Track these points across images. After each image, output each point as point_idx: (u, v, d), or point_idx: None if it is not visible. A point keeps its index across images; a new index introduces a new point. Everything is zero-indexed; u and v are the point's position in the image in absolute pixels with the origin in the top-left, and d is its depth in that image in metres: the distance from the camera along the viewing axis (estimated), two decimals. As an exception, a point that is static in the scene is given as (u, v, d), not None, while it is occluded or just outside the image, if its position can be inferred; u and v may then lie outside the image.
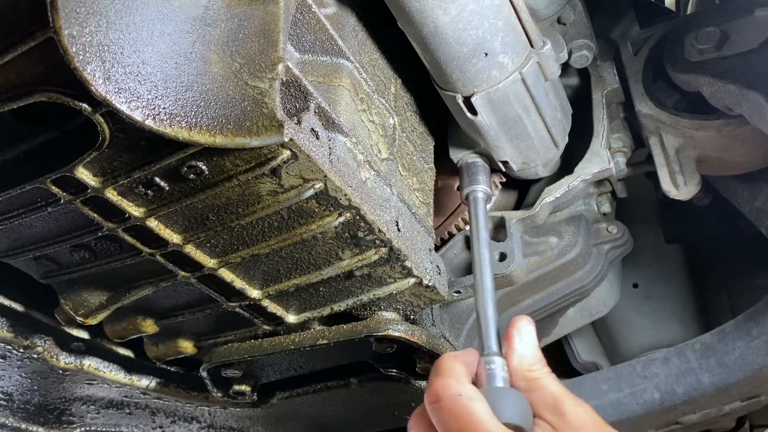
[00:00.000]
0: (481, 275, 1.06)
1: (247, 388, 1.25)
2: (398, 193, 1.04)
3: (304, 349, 1.10)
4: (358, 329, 1.08)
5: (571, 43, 1.31)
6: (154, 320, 1.16)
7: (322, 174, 0.82)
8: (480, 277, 1.05)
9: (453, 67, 1.04)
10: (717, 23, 1.20)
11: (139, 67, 0.68)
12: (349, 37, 1.03)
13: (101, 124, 0.72)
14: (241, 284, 1.02)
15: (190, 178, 0.81)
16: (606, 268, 1.45)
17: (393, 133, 1.10)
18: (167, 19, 0.72)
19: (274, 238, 0.93)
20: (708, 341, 1.38)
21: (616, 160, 1.36)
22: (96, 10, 0.64)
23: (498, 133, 1.15)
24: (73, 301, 1.11)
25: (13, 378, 1.26)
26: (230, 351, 1.17)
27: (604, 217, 1.46)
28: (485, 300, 1.01)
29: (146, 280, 1.05)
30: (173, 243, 0.92)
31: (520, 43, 1.06)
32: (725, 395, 1.36)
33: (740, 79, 1.11)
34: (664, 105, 1.32)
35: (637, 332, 1.88)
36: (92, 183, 0.81)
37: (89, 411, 1.37)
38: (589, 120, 1.37)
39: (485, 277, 1.06)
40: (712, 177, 1.42)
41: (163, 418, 1.45)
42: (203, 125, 0.72)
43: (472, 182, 1.21)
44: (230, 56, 0.76)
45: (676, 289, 1.90)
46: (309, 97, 0.85)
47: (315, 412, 1.42)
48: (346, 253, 0.97)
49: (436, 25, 0.97)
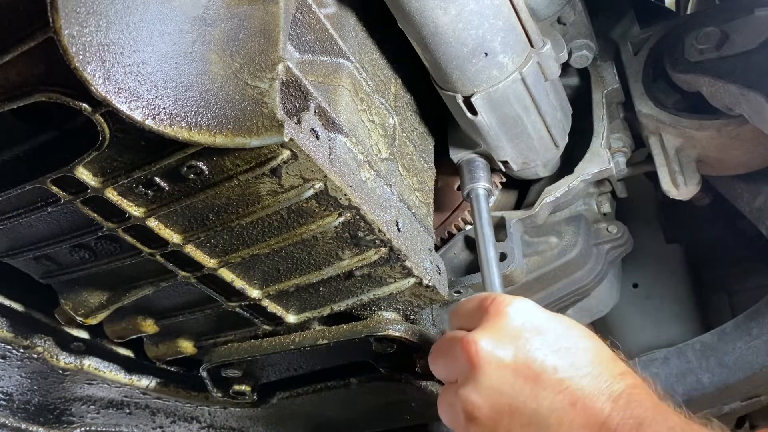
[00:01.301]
0: (489, 274, 1.06)
1: (247, 388, 1.24)
2: (398, 193, 1.04)
3: (304, 349, 1.10)
4: (358, 329, 1.08)
5: (571, 43, 1.31)
6: (154, 320, 1.16)
7: (322, 174, 0.82)
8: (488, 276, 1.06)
9: (453, 67, 1.04)
10: (717, 23, 1.20)
11: (139, 67, 0.68)
12: (349, 36, 1.03)
13: (101, 124, 0.72)
14: (241, 284, 1.02)
15: (190, 178, 0.81)
16: (606, 268, 1.44)
17: (393, 133, 1.10)
18: (167, 19, 0.72)
19: (274, 238, 0.93)
20: (708, 341, 1.38)
21: (616, 160, 1.36)
22: (96, 9, 0.64)
23: (498, 133, 1.15)
24: (73, 301, 1.11)
25: (13, 378, 1.26)
26: (230, 351, 1.17)
27: (604, 217, 1.46)
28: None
29: (146, 280, 1.05)
30: (173, 243, 0.92)
31: (520, 42, 1.06)
32: (725, 395, 1.36)
33: (740, 79, 1.11)
34: (664, 105, 1.32)
35: (637, 332, 1.88)
36: (92, 183, 0.81)
37: (89, 411, 1.37)
38: (589, 120, 1.37)
39: (493, 276, 1.06)
40: (712, 177, 1.42)
41: (163, 418, 1.45)
42: (203, 125, 0.72)
43: (473, 179, 1.21)
44: (230, 56, 0.76)
45: (676, 289, 1.90)
46: (309, 97, 0.85)
47: (315, 412, 1.42)
48: (346, 253, 0.97)
49: (436, 25, 0.97)
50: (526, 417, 0.78)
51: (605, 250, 1.44)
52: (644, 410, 0.73)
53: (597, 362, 0.79)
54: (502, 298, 0.87)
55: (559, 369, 0.79)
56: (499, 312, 0.85)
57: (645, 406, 0.74)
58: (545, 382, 0.78)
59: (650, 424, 0.71)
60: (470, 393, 0.82)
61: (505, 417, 0.79)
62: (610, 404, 0.74)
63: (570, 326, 0.85)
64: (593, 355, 0.81)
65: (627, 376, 0.78)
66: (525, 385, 0.79)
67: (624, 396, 0.75)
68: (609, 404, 0.75)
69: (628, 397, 0.75)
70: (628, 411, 0.73)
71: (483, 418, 0.81)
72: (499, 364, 0.81)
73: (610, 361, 0.81)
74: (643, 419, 0.72)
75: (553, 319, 0.86)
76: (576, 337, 0.83)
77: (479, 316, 0.87)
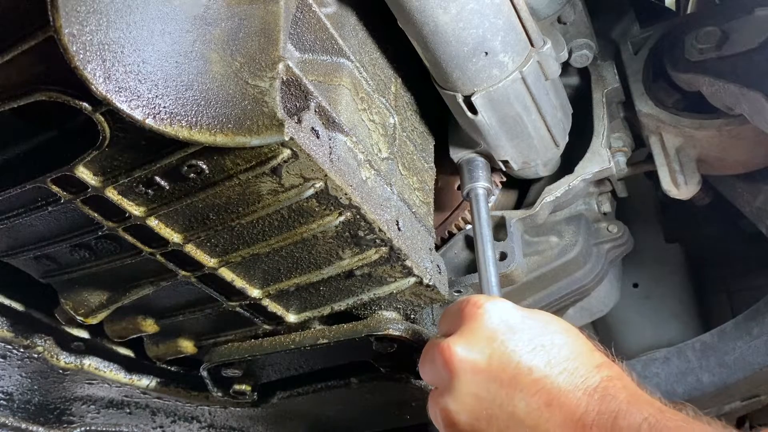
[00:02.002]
0: (487, 273, 1.06)
1: (247, 387, 1.24)
2: (398, 193, 1.04)
3: (305, 348, 1.10)
4: (358, 329, 1.08)
5: (572, 43, 1.31)
6: (155, 320, 1.16)
7: (322, 173, 0.82)
8: (485, 275, 1.06)
9: (453, 66, 1.04)
10: (717, 23, 1.20)
11: (139, 66, 0.68)
12: (349, 36, 1.03)
13: (101, 123, 0.72)
14: (242, 284, 1.02)
15: (190, 177, 0.81)
16: (606, 267, 1.44)
17: (393, 133, 1.10)
18: (168, 18, 0.72)
19: (275, 238, 0.93)
20: (708, 341, 1.38)
21: (617, 160, 1.36)
22: (96, 8, 0.64)
23: (498, 132, 1.15)
24: (73, 300, 1.11)
25: (14, 378, 1.26)
26: (230, 350, 1.17)
27: (605, 216, 1.46)
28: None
29: (146, 280, 1.05)
30: (173, 242, 0.92)
31: (521, 42, 1.06)
32: (725, 395, 1.36)
33: (740, 79, 1.11)
34: (664, 104, 1.32)
35: (637, 332, 1.89)
36: (92, 182, 0.81)
37: (89, 411, 1.37)
38: (589, 119, 1.37)
39: (491, 276, 1.06)
40: (712, 177, 1.42)
41: (163, 417, 1.45)
42: (203, 124, 0.72)
43: (473, 179, 1.21)
44: (231, 55, 0.76)
45: (676, 289, 1.91)
46: (309, 97, 0.85)
47: (315, 412, 1.42)
48: (347, 253, 0.97)
49: (437, 24, 0.97)
50: (503, 421, 0.78)
51: (605, 250, 1.44)
52: (619, 402, 0.72)
53: (573, 357, 0.79)
54: (476, 299, 0.87)
55: (535, 369, 0.78)
56: (474, 315, 0.85)
57: (620, 399, 0.73)
58: (520, 384, 0.78)
59: (624, 416, 0.70)
60: (448, 400, 0.83)
61: (483, 422, 0.79)
62: (585, 399, 0.74)
63: (547, 322, 0.84)
64: (569, 351, 0.80)
65: (603, 368, 0.78)
66: (500, 389, 0.79)
67: (599, 389, 0.74)
68: (585, 399, 0.74)
69: (603, 390, 0.74)
70: (604, 405, 0.73)
71: (462, 424, 0.81)
72: (474, 369, 0.81)
73: (586, 354, 0.80)
74: (618, 412, 0.71)
75: (529, 316, 0.85)
76: (552, 333, 0.82)
77: (458, 321, 0.87)
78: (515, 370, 0.79)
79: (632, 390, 0.75)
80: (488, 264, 1.08)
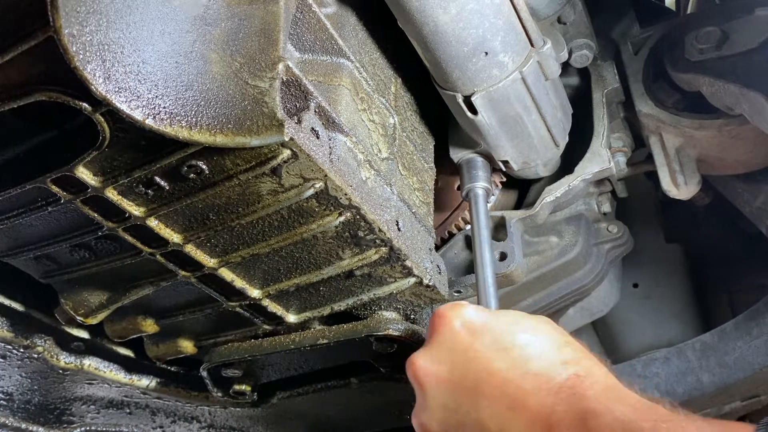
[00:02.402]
0: (483, 274, 1.06)
1: (247, 387, 1.24)
2: (398, 193, 1.04)
3: (305, 348, 1.10)
4: (358, 329, 1.08)
5: (572, 43, 1.31)
6: (155, 320, 1.16)
7: (322, 173, 0.82)
8: (482, 276, 1.06)
9: (453, 66, 1.04)
10: (717, 23, 1.20)
11: (139, 67, 0.68)
12: (349, 36, 1.03)
13: (101, 123, 0.72)
14: (242, 284, 1.02)
15: (190, 177, 0.81)
16: (606, 267, 1.45)
17: (393, 133, 1.10)
18: (167, 18, 0.72)
19: (275, 238, 0.93)
20: (708, 341, 1.38)
21: (617, 160, 1.36)
22: (96, 9, 0.64)
23: (498, 132, 1.15)
24: (73, 300, 1.11)
25: (14, 378, 1.26)
26: (230, 351, 1.17)
27: (605, 216, 1.46)
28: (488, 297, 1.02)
29: (146, 280, 1.05)
30: (173, 242, 0.92)
31: (521, 42, 1.06)
32: (725, 395, 1.36)
33: (740, 79, 1.11)
34: (664, 104, 1.32)
35: (637, 332, 1.88)
36: (92, 182, 0.81)
37: (89, 411, 1.37)
38: (589, 119, 1.37)
39: (487, 277, 1.06)
40: (712, 177, 1.42)
41: (163, 417, 1.45)
42: (203, 124, 0.72)
43: (472, 179, 1.21)
44: (230, 55, 0.76)
45: (676, 289, 1.90)
46: (309, 97, 0.85)
47: (315, 412, 1.42)
48: (347, 253, 0.97)
49: (436, 24, 0.97)
50: (471, 429, 0.77)
51: (605, 250, 1.44)
52: (587, 401, 0.69)
53: (537, 356, 0.77)
54: (440, 310, 0.87)
55: (496, 373, 0.77)
56: (437, 326, 0.86)
57: (588, 396, 0.70)
58: (484, 390, 0.77)
59: (594, 416, 0.67)
60: (421, 414, 0.84)
61: None
62: (550, 399, 0.71)
63: (513, 322, 0.83)
64: (533, 350, 0.78)
65: (570, 365, 0.75)
66: (465, 397, 0.78)
67: (566, 388, 0.72)
68: (549, 399, 0.71)
69: (570, 389, 0.71)
70: (572, 404, 0.70)
71: None
72: (438, 380, 0.81)
73: (553, 352, 0.78)
74: (586, 411, 0.68)
75: (493, 318, 0.84)
76: (516, 333, 0.80)
77: (428, 334, 0.88)
78: (477, 375, 0.78)
79: (604, 386, 0.72)
80: (485, 265, 1.08)
